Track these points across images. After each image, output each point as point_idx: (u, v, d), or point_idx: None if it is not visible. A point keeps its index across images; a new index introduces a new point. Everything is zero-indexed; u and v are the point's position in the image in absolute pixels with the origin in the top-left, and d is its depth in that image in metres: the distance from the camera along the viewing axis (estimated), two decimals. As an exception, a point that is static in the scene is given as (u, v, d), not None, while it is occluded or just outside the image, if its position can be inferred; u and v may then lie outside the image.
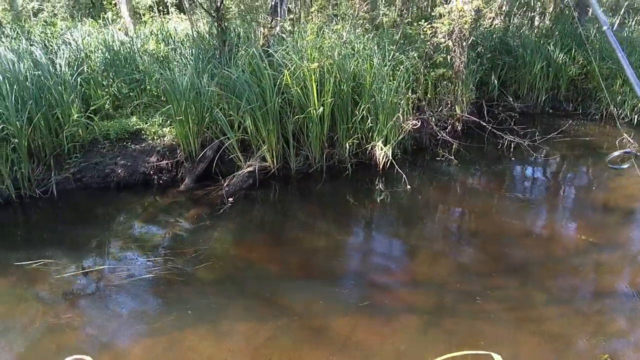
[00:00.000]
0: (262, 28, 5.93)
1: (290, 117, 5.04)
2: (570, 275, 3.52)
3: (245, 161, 5.00)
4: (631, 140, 5.23)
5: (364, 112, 5.16)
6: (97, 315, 3.06)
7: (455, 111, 6.31)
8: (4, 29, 6.25)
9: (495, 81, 7.43)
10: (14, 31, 6.09)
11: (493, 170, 5.62)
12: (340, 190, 4.96)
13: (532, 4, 9.69)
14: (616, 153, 2.25)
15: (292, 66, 4.94)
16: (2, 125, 4.47)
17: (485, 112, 6.96)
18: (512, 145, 5.94)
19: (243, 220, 4.42)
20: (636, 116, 7.04)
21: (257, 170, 4.92)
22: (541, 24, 9.50)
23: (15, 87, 4.59)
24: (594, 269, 3.57)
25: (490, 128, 6.02)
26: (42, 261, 3.56)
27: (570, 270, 3.58)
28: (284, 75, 4.87)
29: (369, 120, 5.22)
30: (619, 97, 7.20)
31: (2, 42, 5.49)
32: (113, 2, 10.28)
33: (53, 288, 3.32)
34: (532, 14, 9.80)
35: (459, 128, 6.41)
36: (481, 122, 6.20)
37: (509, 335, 2.86)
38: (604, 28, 1.92)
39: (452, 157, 5.68)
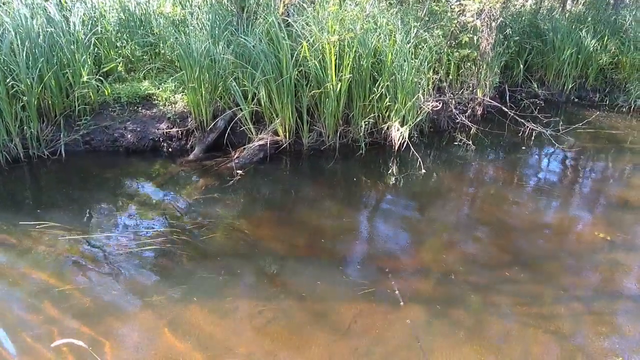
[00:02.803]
0: (282, -4, 5.69)
1: (306, 91, 4.88)
2: (584, 273, 3.41)
3: (257, 134, 4.89)
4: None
5: (382, 90, 4.99)
6: (96, 284, 3.02)
7: (477, 95, 6.09)
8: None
9: (521, 66, 7.13)
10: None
11: (511, 158, 5.43)
12: (352, 170, 4.84)
13: (566, -14, 9.21)
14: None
15: (311, 38, 4.75)
16: (12, 82, 4.40)
17: (507, 98, 6.75)
18: (534, 134, 5.73)
19: (251, 195, 4.33)
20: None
21: (268, 144, 4.81)
22: (574, 8, 9.05)
23: (27, 43, 4.49)
24: (609, 269, 3.44)
25: (512, 114, 5.80)
26: (46, 223, 3.53)
27: (584, 267, 3.47)
28: (302, 47, 4.69)
29: (387, 99, 5.04)
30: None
31: (17, -5, 5.34)
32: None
33: (54, 252, 3.29)
34: (565, -3, 9.33)
35: (479, 112, 6.21)
36: (503, 108, 5.98)
37: (517, 332, 2.77)
38: None
39: (470, 142, 5.51)
